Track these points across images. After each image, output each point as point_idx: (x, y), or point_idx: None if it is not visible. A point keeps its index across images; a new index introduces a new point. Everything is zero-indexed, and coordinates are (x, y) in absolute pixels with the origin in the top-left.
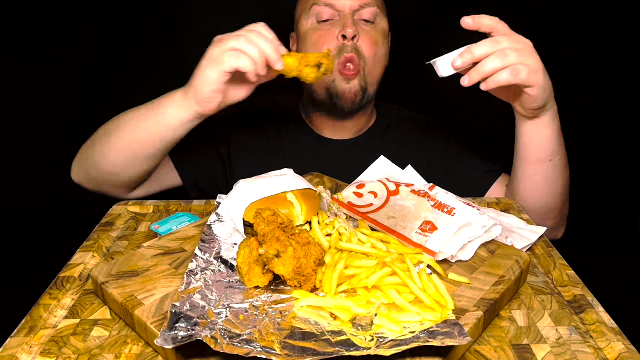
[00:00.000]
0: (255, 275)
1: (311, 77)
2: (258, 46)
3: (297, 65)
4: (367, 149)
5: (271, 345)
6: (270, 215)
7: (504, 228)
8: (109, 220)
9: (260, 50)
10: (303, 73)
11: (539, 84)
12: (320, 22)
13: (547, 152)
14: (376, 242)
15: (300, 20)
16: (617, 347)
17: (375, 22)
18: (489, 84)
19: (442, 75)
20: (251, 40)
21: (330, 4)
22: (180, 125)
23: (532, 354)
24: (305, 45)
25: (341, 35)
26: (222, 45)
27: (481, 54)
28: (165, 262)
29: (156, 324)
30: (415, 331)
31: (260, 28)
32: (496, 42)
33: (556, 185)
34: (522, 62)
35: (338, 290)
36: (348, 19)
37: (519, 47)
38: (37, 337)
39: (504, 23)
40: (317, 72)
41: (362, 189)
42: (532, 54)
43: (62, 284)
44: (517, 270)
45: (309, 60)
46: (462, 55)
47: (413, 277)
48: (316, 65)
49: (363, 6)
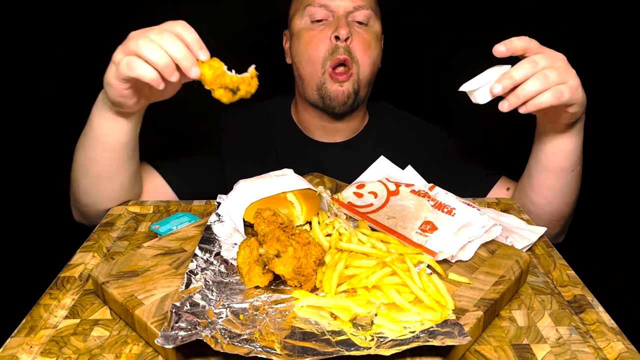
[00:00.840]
0: (255, 275)
1: (224, 99)
2: (166, 51)
3: (212, 80)
4: (360, 150)
5: (271, 345)
6: (270, 215)
7: (504, 228)
8: (109, 220)
9: (167, 57)
10: (216, 92)
11: (579, 101)
12: (314, 22)
13: (571, 162)
14: (376, 242)
15: (294, 19)
16: (617, 347)
17: (368, 25)
18: (529, 107)
19: (480, 103)
20: (158, 43)
21: (325, 4)
22: (107, 128)
23: (532, 354)
24: (298, 44)
25: (334, 36)
26: (126, 46)
27: (521, 78)
28: (166, 262)
29: (156, 323)
30: (415, 331)
31: (177, 28)
32: (534, 62)
33: (572, 194)
34: (563, 81)
35: (338, 290)
36: (342, 20)
37: (557, 65)
38: (37, 337)
39: (534, 40)
40: (231, 96)
41: (362, 189)
42: (570, 69)
43: (63, 284)
44: (517, 270)
45: (225, 81)
46: (502, 81)
47: (413, 277)
48: (231, 90)
49: (357, 8)
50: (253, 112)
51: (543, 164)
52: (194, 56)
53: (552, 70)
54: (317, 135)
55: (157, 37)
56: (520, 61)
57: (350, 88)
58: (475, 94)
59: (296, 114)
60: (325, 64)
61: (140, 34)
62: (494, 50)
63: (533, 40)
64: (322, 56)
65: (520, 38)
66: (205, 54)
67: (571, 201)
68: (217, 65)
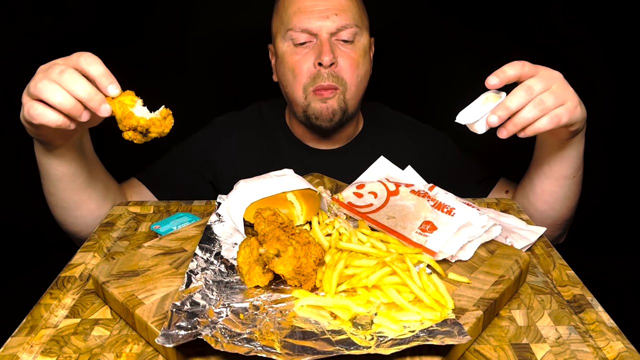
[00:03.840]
0: (255, 274)
1: (135, 141)
2: (70, 92)
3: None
4: (356, 155)
5: (271, 344)
6: (271, 215)
7: (504, 228)
8: (110, 220)
9: (71, 98)
10: (125, 134)
11: (579, 119)
12: (297, 45)
13: (572, 170)
14: (376, 242)
15: (277, 40)
16: (617, 347)
17: (354, 42)
18: (528, 132)
19: (478, 133)
20: (60, 83)
21: (306, 28)
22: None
23: (532, 354)
24: (282, 67)
25: (317, 62)
26: (29, 88)
27: (517, 107)
28: (166, 262)
29: (156, 323)
30: (415, 330)
31: (82, 62)
32: (529, 88)
33: (574, 198)
34: (560, 104)
35: (338, 290)
36: (325, 45)
37: (553, 88)
38: (37, 337)
39: (527, 62)
40: (141, 138)
41: (362, 189)
42: (566, 88)
43: (63, 283)
44: (517, 269)
45: (133, 123)
46: (497, 112)
47: (413, 277)
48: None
49: (340, 28)
50: (247, 116)
51: (544, 171)
52: (103, 92)
53: (548, 95)
54: (312, 144)
55: (58, 77)
56: (515, 88)
57: (336, 105)
58: (475, 126)
59: (290, 121)
60: (307, 89)
61: (43, 72)
62: (487, 83)
63: (526, 64)
64: (304, 82)
65: (512, 65)
66: (114, 88)
67: (573, 205)
68: (129, 102)
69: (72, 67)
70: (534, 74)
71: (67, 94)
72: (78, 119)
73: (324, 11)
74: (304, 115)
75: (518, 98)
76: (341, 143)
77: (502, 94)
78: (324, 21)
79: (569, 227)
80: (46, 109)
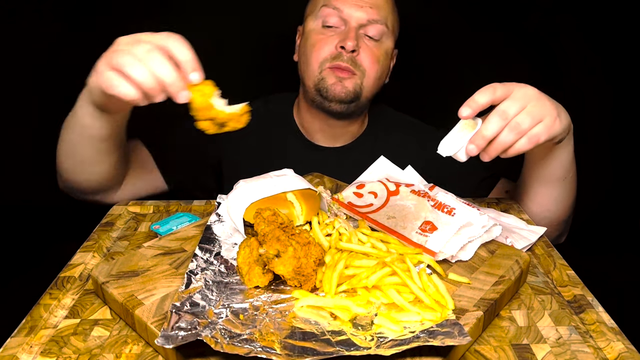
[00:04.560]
0: (255, 275)
1: (209, 130)
2: (154, 72)
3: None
4: (359, 154)
5: (271, 345)
6: (270, 215)
7: (504, 228)
8: (109, 220)
9: (154, 78)
10: (200, 123)
11: (559, 132)
12: (325, 26)
13: (563, 171)
14: (376, 242)
15: (308, 19)
16: (617, 347)
17: (380, 41)
18: (510, 153)
19: (461, 161)
20: (146, 63)
21: (338, 8)
22: (90, 122)
23: (532, 354)
24: (305, 44)
25: (340, 45)
26: (111, 58)
27: (493, 134)
28: (166, 262)
29: (156, 323)
30: (415, 331)
31: (170, 43)
32: (503, 113)
33: (569, 198)
34: (537, 122)
35: (338, 290)
36: (351, 32)
37: (528, 107)
38: (37, 337)
39: (498, 84)
40: (216, 130)
41: (362, 189)
42: (542, 104)
43: (63, 283)
44: (517, 270)
45: (212, 115)
46: (475, 142)
47: (413, 277)
48: (218, 124)
49: (370, 22)
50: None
51: (535, 175)
52: (185, 78)
53: (524, 115)
54: (317, 139)
55: (145, 56)
56: (490, 115)
57: (351, 87)
58: (456, 156)
59: (298, 115)
60: (324, 64)
61: (128, 45)
62: (460, 114)
63: (497, 87)
64: (323, 57)
65: (483, 91)
66: (197, 76)
67: (569, 205)
68: (208, 91)
69: (159, 47)
70: (507, 96)
71: (150, 74)
72: (153, 99)
73: (360, 1)
74: (315, 89)
75: (493, 125)
76: (345, 141)
77: (478, 120)
78: (357, 10)
79: (569, 227)
80: (126, 83)
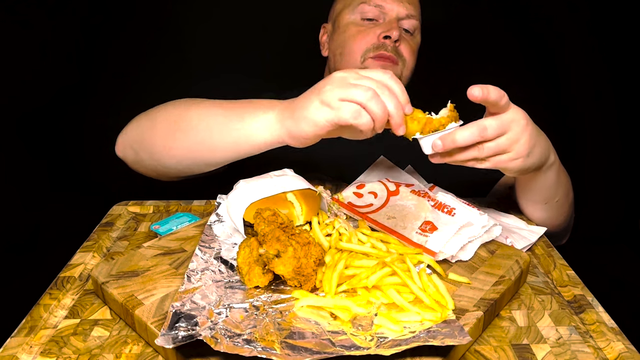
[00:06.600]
0: (255, 275)
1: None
2: (385, 107)
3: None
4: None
5: (271, 345)
6: (270, 215)
7: (504, 228)
8: (109, 220)
9: (386, 112)
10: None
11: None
12: (364, 19)
13: (549, 195)
14: (376, 242)
15: (342, 13)
16: (617, 347)
17: (413, 34)
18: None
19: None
20: (379, 98)
21: (380, 4)
22: (264, 147)
23: (532, 354)
24: (342, 36)
25: (383, 35)
26: (345, 93)
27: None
28: (165, 262)
29: (156, 323)
30: (415, 331)
31: (391, 83)
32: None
33: (564, 211)
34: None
35: (338, 290)
36: (394, 23)
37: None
38: (37, 337)
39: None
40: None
41: (362, 189)
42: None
43: (62, 284)
44: (517, 270)
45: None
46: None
47: (413, 277)
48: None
49: (409, 16)
50: None
51: (523, 196)
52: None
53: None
54: None
55: (378, 91)
56: (470, 124)
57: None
58: (421, 142)
59: None
60: (367, 54)
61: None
62: (469, 92)
63: (505, 97)
64: (365, 48)
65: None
66: (410, 108)
67: (566, 214)
68: (421, 115)
69: (383, 84)
70: (500, 112)
71: (383, 107)
72: (377, 130)
73: None
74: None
75: (468, 136)
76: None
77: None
78: (398, 5)
79: (570, 229)
80: (367, 115)
